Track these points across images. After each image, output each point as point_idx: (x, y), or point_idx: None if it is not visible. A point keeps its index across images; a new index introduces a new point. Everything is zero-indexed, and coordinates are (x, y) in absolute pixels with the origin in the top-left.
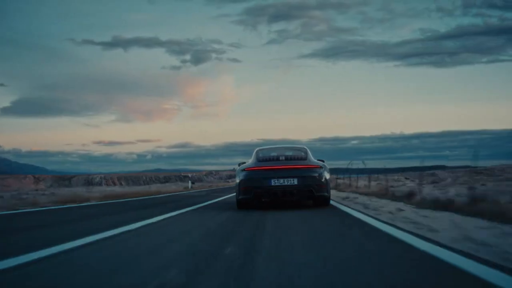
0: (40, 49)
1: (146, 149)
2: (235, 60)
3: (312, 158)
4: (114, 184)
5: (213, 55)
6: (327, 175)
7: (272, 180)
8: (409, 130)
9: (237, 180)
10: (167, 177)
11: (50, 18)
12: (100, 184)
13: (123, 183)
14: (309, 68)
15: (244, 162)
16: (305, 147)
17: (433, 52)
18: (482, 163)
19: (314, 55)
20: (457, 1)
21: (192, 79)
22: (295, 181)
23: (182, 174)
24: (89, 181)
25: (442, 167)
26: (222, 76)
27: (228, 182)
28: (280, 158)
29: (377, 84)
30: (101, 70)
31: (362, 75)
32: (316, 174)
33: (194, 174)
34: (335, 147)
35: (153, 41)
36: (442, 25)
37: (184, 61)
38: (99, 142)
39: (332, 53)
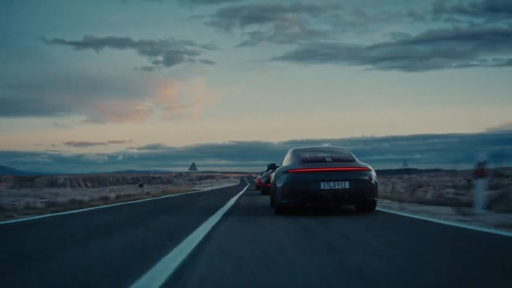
0: (9, 48)
1: (117, 150)
2: (208, 62)
3: (357, 160)
4: (79, 185)
5: (186, 56)
6: (375, 178)
7: (322, 184)
8: (380, 133)
9: (278, 184)
10: (135, 179)
11: (20, 16)
12: (64, 185)
13: (88, 184)
14: (281, 71)
15: (274, 164)
16: (346, 148)
17: (404, 56)
18: (453, 167)
19: (286, 57)
20: (428, 6)
21: (165, 80)
22: (347, 185)
23: (151, 176)
24: (53, 182)
25: (414, 171)
26: (195, 77)
27: (195, 184)
28: (327, 159)
29: (349, 88)
30: (72, 70)
31: (334, 78)
32: (367, 177)
33: (164, 175)
34: None
35: (125, 42)
36: (413, 29)
37: (156, 62)
38: (69, 143)
39: (305, 56)
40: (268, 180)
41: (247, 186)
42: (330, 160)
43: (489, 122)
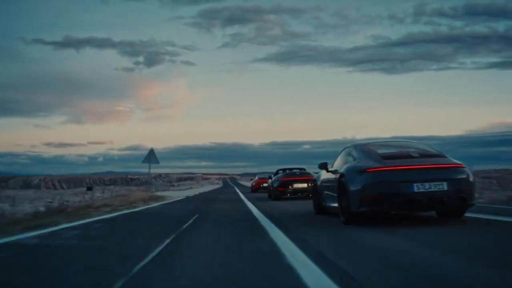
0: None
1: (98, 151)
2: (188, 63)
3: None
4: (55, 187)
5: (167, 57)
6: (474, 177)
7: (415, 185)
8: (361, 135)
9: (352, 187)
10: (113, 180)
11: None
12: (39, 186)
13: (64, 186)
14: (262, 72)
15: (326, 163)
16: (424, 142)
17: (385, 58)
18: None
19: (267, 59)
20: (408, 9)
21: (145, 81)
22: (444, 186)
23: (129, 177)
24: (27, 183)
25: None
26: (176, 78)
27: (172, 186)
28: (413, 155)
29: (330, 89)
30: (52, 70)
31: (315, 80)
32: (465, 176)
33: (142, 176)
34: (287, 151)
35: (106, 42)
36: (394, 32)
37: (137, 63)
38: (49, 144)
39: (286, 57)
40: (282, 184)
41: (237, 189)
42: (418, 155)
43: (468, 125)
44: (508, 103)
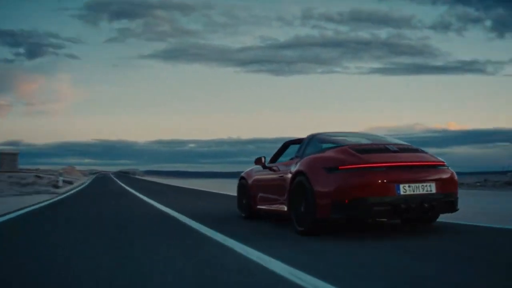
0: None
1: None
2: (73, 57)
3: None
4: None
5: (50, 49)
6: None
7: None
8: (246, 135)
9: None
10: None
11: None
12: None
13: None
14: (149, 69)
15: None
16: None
17: (273, 60)
18: None
19: (155, 56)
20: (296, 12)
21: (27, 74)
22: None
23: None
24: None
25: None
26: (59, 72)
27: None
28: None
29: (217, 89)
30: None
31: (202, 79)
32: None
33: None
34: (173, 149)
35: None
36: (282, 34)
37: (17, 54)
38: None
39: (174, 54)
40: None
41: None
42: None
43: (349, 128)
44: (387, 109)
